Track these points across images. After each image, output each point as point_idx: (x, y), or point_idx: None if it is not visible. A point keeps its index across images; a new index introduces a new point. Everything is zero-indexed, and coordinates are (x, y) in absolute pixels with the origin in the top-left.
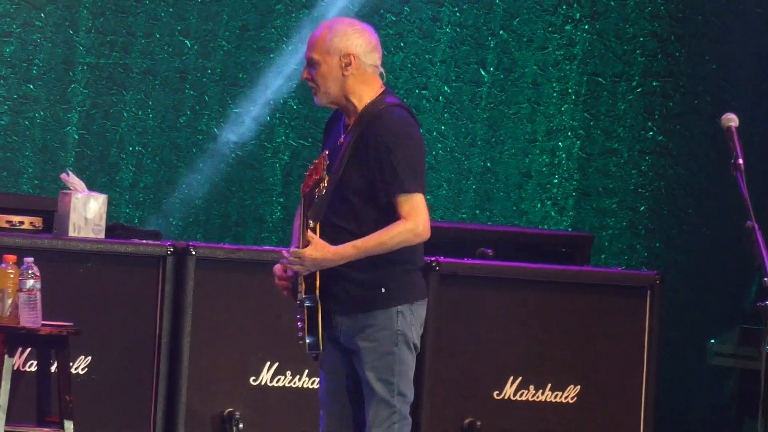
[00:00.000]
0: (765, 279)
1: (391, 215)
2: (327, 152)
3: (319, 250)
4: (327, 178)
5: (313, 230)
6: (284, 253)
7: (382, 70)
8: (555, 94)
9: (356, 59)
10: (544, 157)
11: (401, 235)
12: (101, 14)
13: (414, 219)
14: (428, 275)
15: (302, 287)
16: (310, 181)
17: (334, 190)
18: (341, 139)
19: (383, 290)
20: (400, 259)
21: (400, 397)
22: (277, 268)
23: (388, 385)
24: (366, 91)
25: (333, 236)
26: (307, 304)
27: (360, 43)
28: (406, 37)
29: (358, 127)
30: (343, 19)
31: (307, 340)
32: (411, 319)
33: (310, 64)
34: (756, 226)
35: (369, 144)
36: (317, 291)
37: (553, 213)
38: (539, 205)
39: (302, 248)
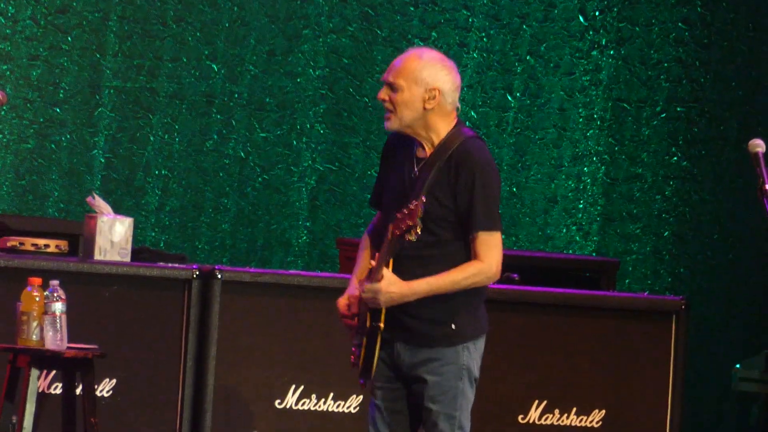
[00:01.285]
0: None
1: (469, 248)
2: (424, 199)
3: (394, 284)
4: (420, 226)
5: (386, 264)
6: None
7: (458, 105)
8: (581, 120)
9: (440, 95)
10: (570, 183)
11: (475, 276)
12: (128, 38)
13: (489, 260)
14: None
15: (368, 319)
16: (403, 225)
17: None
18: (416, 171)
19: (453, 327)
20: (468, 295)
21: (459, 431)
22: (342, 304)
23: (449, 419)
24: (443, 125)
25: (411, 267)
26: (368, 334)
27: (448, 80)
28: None
29: (439, 159)
30: (433, 51)
31: (360, 368)
32: (474, 353)
33: (392, 87)
34: None
35: (453, 177)
36: (382, 324)
37: (578, 238)
38: (564, 230)
39: (376, 282)
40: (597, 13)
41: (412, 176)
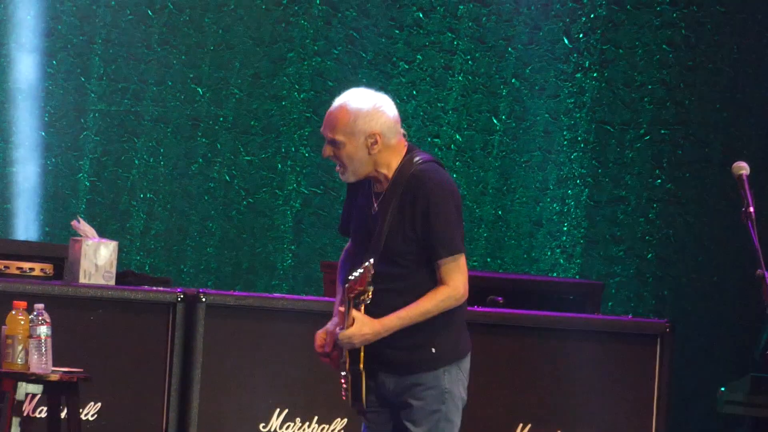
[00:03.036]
0: None
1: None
2: (372, 262)
3: (366, 325)
4: (371, 290)
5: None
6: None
7: (404, 131)
8: (566, 142)
9: (382, 137)
10: (555, 205)
11: (444, 302)
12: (113, 61)
13: (455, 283)
14: None
15: (347, 359)
16: (354, 290)
17: (380, 256)
18: (375, 207)
19: (433, 350)
20: (447, 319)
21: None
22: (319, 336)
23: None
24: (393, 158)
25: (381, 299)
26: (351, 375)
27: (383, 120)
28: (419, 85)
29: (393, 194)
30: (360, 95)
31: (351, 403)
32: (457, 375)
33: (333, 144)
34: (767, 274)
35: (410, 207)
36: (361, 363)
37: (562, 261)
38: (549, 253)
39: (347, 328)
40: (581, 36)
41: (373, 213)
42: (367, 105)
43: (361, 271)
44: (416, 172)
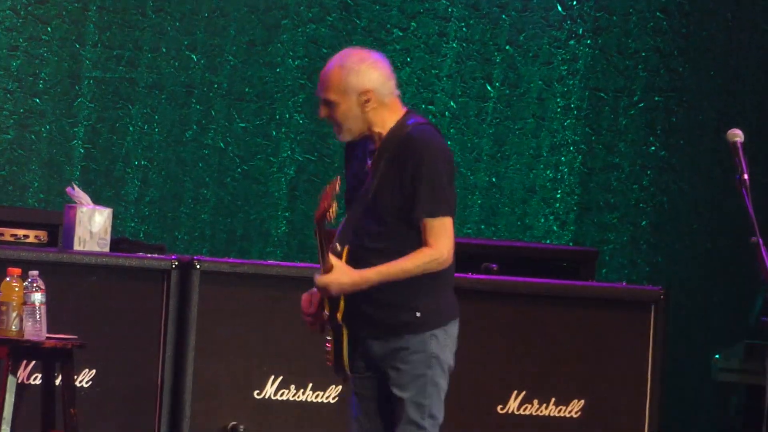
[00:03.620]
0: None
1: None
2: (339, 178)
3: (344, 274)
4: (335, 205)
5: (340, 254)
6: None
7: (399, 92)
8: (559, 110)
9: (374, 93)
10: (548, 172)
11: (426, 264)
12: (107, 28)
13: (438, 246)
14: None
15: (326, 310)
16: (321, 209)
17: (366, 213)
18: (368, 164)
19: (417, 315)
20: (431, 282)
21: (430, 420)
22: (304, 299)
23: (419, 408)
24: (389, 117)
25: (366, 258)
26: (334, 332)
27: (375, 76)
28: (413, 52)
29: (386, 150)
30: (352, 53)
31: (334, 367)
32: (444, 341)
33: (327, 104)
34: (761, 241)
35: (400, 165)
36: (339, 314)
37: (555, 228)
38: (542, 220)
39: (324, 273)
40: (575, 3)
41: (365, 170)
42: (359, 62)
43: (328, 188)
44: (409, 132)
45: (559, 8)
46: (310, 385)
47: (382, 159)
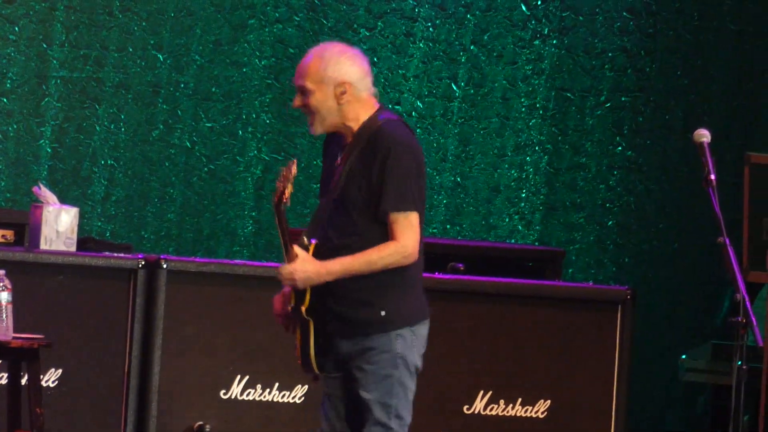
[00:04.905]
0: (737, 295)
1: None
2: (294, 161)
3: (308, 263)
4: (290, 188)
5: (307, 248)
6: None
7: (375, 90)
8: (523, 109)
9: (351, 87)
10: (513, 172)
11: (390, 256)
12: (74, 28)
13: (404, 240)
14: None
15: (292, 303)
16: (278, 192)
17: (334, 207)
18: (338, 160)
19: (382, 313)
20: (397, 280)
21: (397, 420)
22: (277, 299)
23: (386, 408)
24: (362, 113)
25: (332, 253)
26: (301, 327)
27: (354, 70)
28: (380, 52)
29: (356, 145)
30: (332, 46)
31: (301, 364)
32: (412, 341)
33: (302, 92)
34: (728, 241)
35: (368, 160)
36: (304, 307)
37: (520, 227)
38: (507, 220)
39: (288, 263)
40: (539, 3)
41: (336, 165)
42: (338, 54)
43: (284, 168)
44: (380, 126)
45: (524, 8)
46: (277, 384)
47: (352, 154)
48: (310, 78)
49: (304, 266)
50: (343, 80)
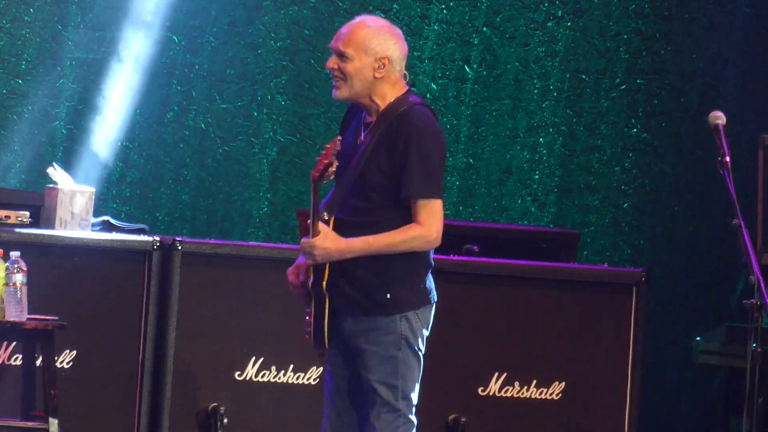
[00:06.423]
0: (751, 277)
1: (407, 214)
2: (339, 137)
3: (330, 240)
4: (336, 163)
5: (327, 223)
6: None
7: (406, 74)
8: (536, 91)
9: (390, 64)
10: (525, 153)
11: (414, 240)
12: (90, 10)
13: (429, 226)
14: None
15: (311, 278)
16: (320, 166)
17: (353, 186)
18: (361, 137)
19: (388, 296)
20: (407, 264)
21: (404, 401)
22: (290, 272)
23: (392, 389)
24: (390, 91)
25: (348, 232)
26: (315, 302)
27: (396, 48)
28: None
29: (381, 125)
30: (381, 20)
31: (313, 339)
32: (416, 324)
33: (340, 56)
34: (742, 224)
35: (392, 142)
36: (324, 283)
37: (533, 209)
38: (519, 201)
39: (312, 238)
40: None
41: (358, 142)
42: (386, 30)
43: (327, 145)
44: (408, 110)
45: None
46: (291, 366)
47: (375, 134)
48: (353, 44)
49: (324, 242)
50: (385, 55)
